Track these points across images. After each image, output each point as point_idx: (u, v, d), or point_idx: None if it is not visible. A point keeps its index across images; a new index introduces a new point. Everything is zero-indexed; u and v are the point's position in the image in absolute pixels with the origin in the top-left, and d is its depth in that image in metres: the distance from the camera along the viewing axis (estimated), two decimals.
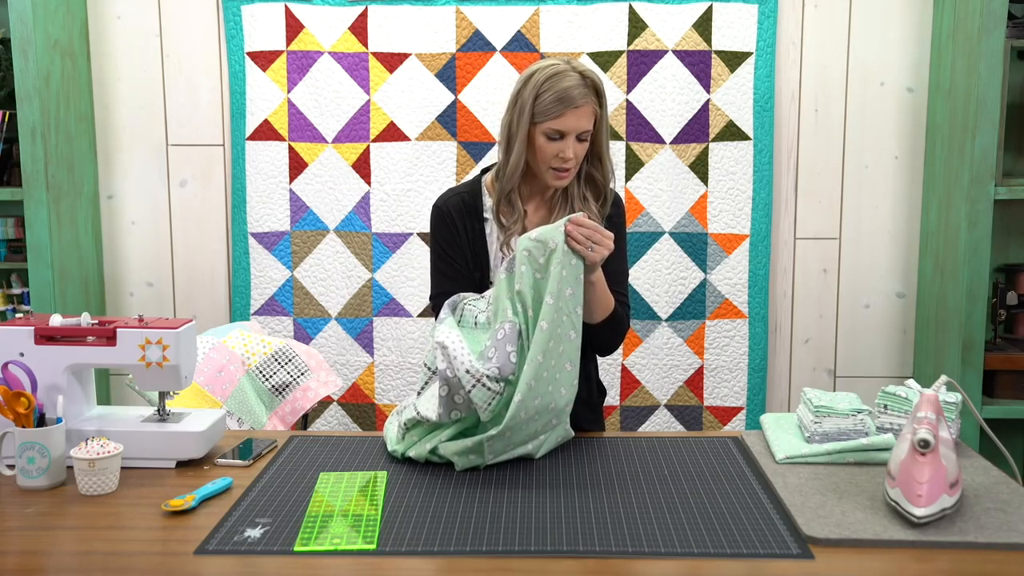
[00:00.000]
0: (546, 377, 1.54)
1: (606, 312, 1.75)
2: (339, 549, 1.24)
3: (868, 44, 2.78)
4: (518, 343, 1.56)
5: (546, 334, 1.53)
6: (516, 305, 1.57)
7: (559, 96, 1.68)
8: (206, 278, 2.92)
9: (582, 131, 1.71)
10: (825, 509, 1.35)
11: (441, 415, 1.54)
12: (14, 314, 2.71)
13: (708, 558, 1.22)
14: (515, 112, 1.73)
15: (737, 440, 1.70)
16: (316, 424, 2.86)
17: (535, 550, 1.24)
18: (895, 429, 1.59)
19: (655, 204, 2.78)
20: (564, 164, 1.73)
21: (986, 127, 2.42)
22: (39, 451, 1.46)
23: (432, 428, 1.58)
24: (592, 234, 1.58)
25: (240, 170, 2.82)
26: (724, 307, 2.82)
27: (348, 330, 2.86)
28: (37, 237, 2.57)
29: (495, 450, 1.53)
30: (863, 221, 2.85)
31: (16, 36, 2.49)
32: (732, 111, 2.76)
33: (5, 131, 2.60)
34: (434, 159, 2.79)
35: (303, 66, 2.77)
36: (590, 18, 2.73)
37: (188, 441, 1.57)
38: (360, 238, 2.83)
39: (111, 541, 1.29)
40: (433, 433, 1.58)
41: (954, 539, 1.25)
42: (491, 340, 1.56)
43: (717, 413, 2.86)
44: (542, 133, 1.71)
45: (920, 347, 2.80)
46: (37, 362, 1.54)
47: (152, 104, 2.86)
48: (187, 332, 1.61)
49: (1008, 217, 2.73)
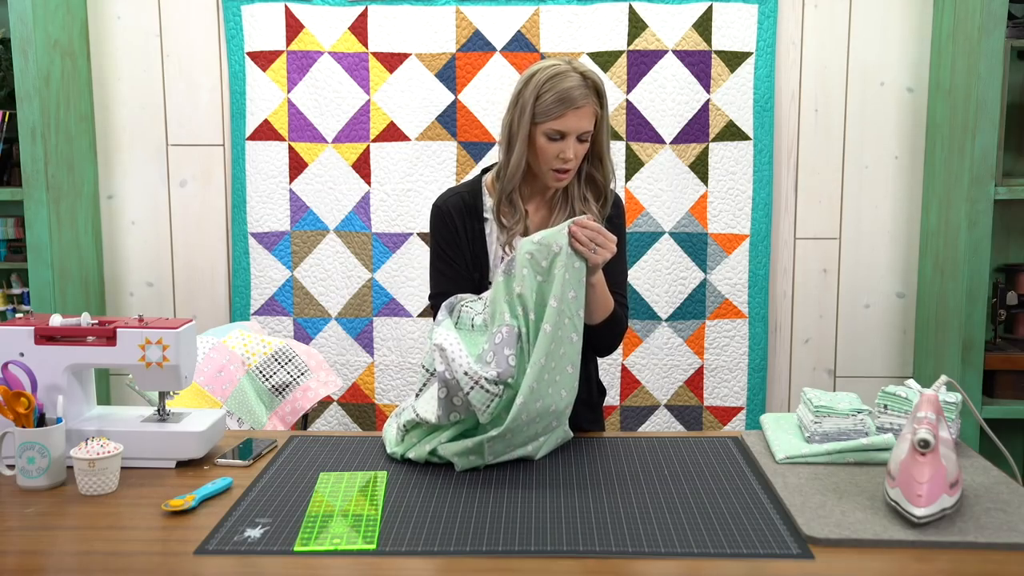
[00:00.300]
0: (547, 380, 1.54)
1: (605, 313, 1.75)
2: (339, 549, 1.24)
3: (868, 44, 2.78)
4: (516, 346, 1.56)
5: (548, 337, 1.53)
6: (515, 308, 1.57)
7: (560, 97, 1.68)
8: (206, 278, 2.92)
9: (583, 131, 1.71)
10: (825, 509, 1.35)
11: (440, 417, 1.54)
12: (14, 314, 2.71)
13: (708, 558, 1.22)
14: (516, 112, 1.73)
15: (737, 440, 1.70)
16: (316, 424, 2.86)
17: (535, 550, 1.24)
18: (895, 429, 1.59)
19: (655, 204, 2.78)
20: (565, 164, 1.73)
21: (986, 127, 2.42)
22: (39, 451, 1.46)
23: (431, 430, 1.58)
24: (596, 236, 1.59)
25: (240, 170, 2.82)
26: (724, 307, 2.82)
27: (348, 330, 2.86)
28: (37, 237, 2.57)
29: (495, 451, 1.53)
30: (863, 221, 2.85)
31: (16, 36, 2.49)
32: (732, 111, 2.76)
33: (5, 131, 2.60)
34: (434, 159, 2.79)
35: (303, 66, 2.77)
36: (590, 18, 2.73)
37: (188, 441, 1.57)
38: (360, 238, 2.83)
39: (111, 541, 1.29)
40: (432, 435, 1.58)
41: (954, 539, 1.25)
42: (489, 344, 1.56)
43: (717, 413, 2.86)
44: (543, 133, 1.71)
45: (920, 347, 2.80)
46: (37, 362, 1.54)
47: (152, 104, 2.86)
48: (187, 332, 1.61)
49: (1008, 217, 2.73)
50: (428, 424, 1.57)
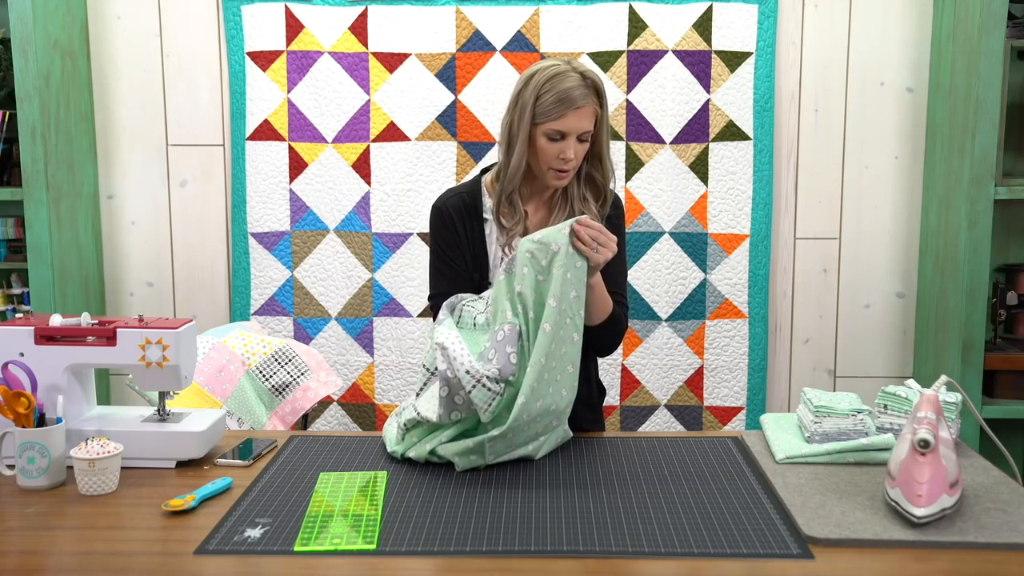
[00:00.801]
0: (548, 379, 1.54)
1: (604, 314, 1.75)
2: (339, 549, 1.24)
3: (868, 44, 2.78)
4: (518, 344, 1.56)
5: (549, 336, 1.53)
6: (516, 306, 1.57)
7: (560, 97, 1.67)
8: (206, 278, 2.92)
9: (583, 132, 1.71)
10: (825, 509, 1.35)
11: (441, 416, 1.54)
12: (14, 314, 2.71)
13: (708, 558, 1.22)
14: (516, 113, 1.73)
15: (737, 440, 1.70)
16: (316, 424, 2.86)
17: (535, 550, 1.24)
18: (895, 429, 1.59)
19: (655, 204, 2.78)
20: (565, 165, 1.73)
21: (986, 127, 2.42)
22: (39, 451, 1.46)
23: (432, 429, 1.58)
24: (598, 235, 1.59)
25: (240, 170, 2.82)
26: (724, 307, 2.82)
27: (348, 330, 2.86)
28: (37, 237, 2.57)
29: (496, 451, 1.53)
30: (863, 221, 2.85)
31: (16, 36, 2.49)
32: (732, 111, 2.76)
33: (5, 131, 2.60)
34: (434, 159, 2.79)
35: (303, 66, 2.77)
36: (590, 18, 2.73)
37: (188, 441, 1.57)
38: (360, 238, 2.83)
39: (111, 541, 1.29)
40: (433, 434, 1.58)
41: (954, 539, 1.25)
42: (491, 341, 1.56)
43: (717, 413, 2.86)
44: (543, 134, 1.71)
45: (920, 347, 2.80)
46: (37, 362, 1.54)
47: (152, 104, 2.86)
48: (187, 332, 1.61)
49: (1008, 217, 2.73)
50: (429, 423, 1.57)
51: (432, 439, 1.57)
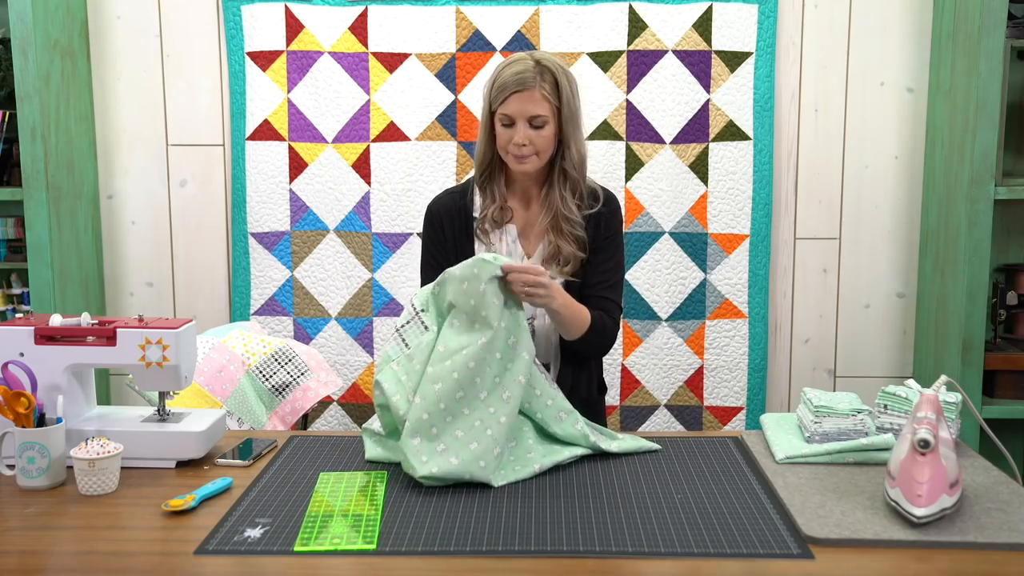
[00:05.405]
0: (508, 423, 1.54)
1: (582, 329, 1.76)
2: (339, 549, 1.24)
3: (868, 44, 2.78)
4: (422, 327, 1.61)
5: (512, 405, 1.55)
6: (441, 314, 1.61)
7: (505, 81, 1.74)
8: (206, 278, 2.91)
9: (530, 115, 1.74)
10: (825, 509, 1.35)
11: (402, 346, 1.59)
12: (14, 314, 2.71)
13: (708, 558, 1.22)
14: (483, 104, 1.81)
15: (737, 440, 1.70)
16: (316, 424, 2.86)
17: (535, 550, 1.24)
18: (895, 429, 1.59)
19: (655, 204, 2.78)
20: (518, 151, 1.76)
21: (986, 127, 2.42)
22: (39, 451, 1.46)
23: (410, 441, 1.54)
24: (530, 280, 1.58)
25: (240, 170, 2.82)
26: (724, 307, 2.82)
27: (348, 330, 2.86)
28: (37, 237, 2.57)
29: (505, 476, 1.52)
30: (863, 221, 2.85)
31: (16, 36, 2.49)
32: (732, 111, 2.76)
33: (5, 131, 2.60)
34: (434, 159, 2.79)
35: (303, 66, 2.77)
36: (590, 18, 2.73)
37: (188, 441, 1.57)
38: (360, 238, 2.83)
39: (111, 541, 1.29)
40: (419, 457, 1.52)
41: (954, 539, 1.25)
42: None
43: (717, 413, 2.86)
44: (498, 120, 1.77)
45: (920, 347, 2.80)
46: (37, 362, 1.54)
47: (152, 104, 2.85)
48: (187, 332, 1.61)
49: (1008, 217, 2.73)
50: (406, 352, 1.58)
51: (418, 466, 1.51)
